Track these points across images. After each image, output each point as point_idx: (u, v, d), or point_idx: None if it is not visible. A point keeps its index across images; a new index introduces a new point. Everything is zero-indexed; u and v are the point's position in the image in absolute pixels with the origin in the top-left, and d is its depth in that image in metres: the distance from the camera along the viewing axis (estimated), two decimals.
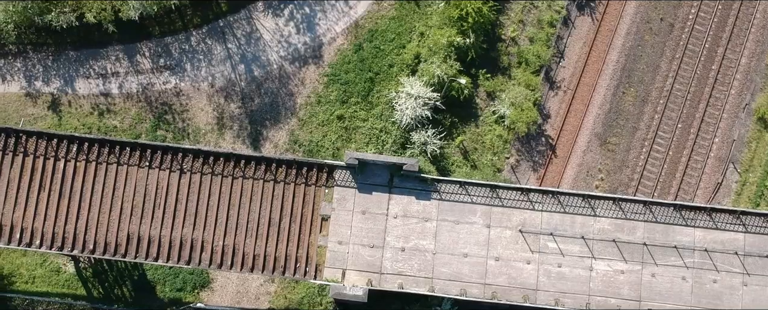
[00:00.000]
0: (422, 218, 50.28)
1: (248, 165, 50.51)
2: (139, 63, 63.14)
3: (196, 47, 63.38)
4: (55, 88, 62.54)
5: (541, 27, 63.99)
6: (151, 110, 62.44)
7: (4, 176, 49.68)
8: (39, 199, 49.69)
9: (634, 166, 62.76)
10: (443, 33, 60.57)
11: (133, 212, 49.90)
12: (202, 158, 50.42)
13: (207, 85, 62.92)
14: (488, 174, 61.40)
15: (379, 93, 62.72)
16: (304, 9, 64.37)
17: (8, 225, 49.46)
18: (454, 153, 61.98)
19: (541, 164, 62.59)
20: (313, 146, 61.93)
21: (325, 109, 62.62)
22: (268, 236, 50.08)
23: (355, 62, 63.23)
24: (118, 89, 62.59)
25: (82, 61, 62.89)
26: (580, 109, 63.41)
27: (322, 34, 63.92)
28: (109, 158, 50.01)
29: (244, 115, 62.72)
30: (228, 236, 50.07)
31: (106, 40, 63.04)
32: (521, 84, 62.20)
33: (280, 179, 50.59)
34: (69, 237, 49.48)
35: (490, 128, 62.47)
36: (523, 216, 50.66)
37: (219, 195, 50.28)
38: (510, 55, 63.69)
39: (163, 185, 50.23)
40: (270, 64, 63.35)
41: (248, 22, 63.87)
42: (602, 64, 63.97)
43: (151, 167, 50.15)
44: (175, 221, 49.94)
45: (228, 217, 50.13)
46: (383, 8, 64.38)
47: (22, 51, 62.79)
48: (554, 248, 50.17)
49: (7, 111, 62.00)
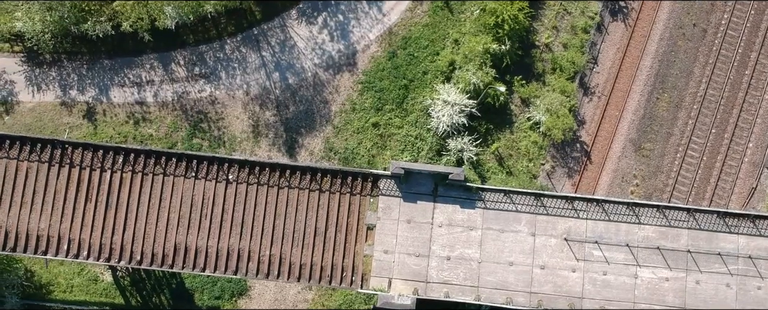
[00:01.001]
0: (467, 226, 50.43)
1: (294, 175, 50.64)
2: (173, 71, 63.26)
3: (230, 55, 63.50)
4: (90, 97, 62.64)
5: (575, 33, 64.15)
6: (186, 119, 62.57)
7: (51, 188, 49.76)
8: (86, 210, 49.79)
9: (669, 171, 62.95)
10: (479, 40, 60.70)
11: (179, 223, 50.02)
12: (248, 167, 50.53)
13: (242, 93, 63.05)
14: (524, 181, 61.57)
15: (413, 100, 62.86)
16: (337, 16, 64.49)
17: (55, 236, 49.59)
18: (489, 160, 62.16)
19: (576, 170, 62.76)
20: (348, 154, 62.09)
21: (360, 117, 62.76)
22: (314, 245, 50.22)
23: (389, 69, 63.37)
24: (153, 98, 62.70)
25: (117, 69, 63.01)
26: (614, 114, 63.58)
27: (356, 42, 64.06)
28: (155, 168, 50.11)
29: (280, 122, 62.86)
30: (274, 246, 50.21)
31: (140, 49, 63.17)
32: (556, 90, 62.37)
33: (325, 188, 50.71)
34: (116, 248, 49.59)
35: (525, 135, 62.63)
36: (567, 224, 50.82)
37: (265, 205, 50.39)
38: (544, 62, 63.86)
39: (210, 195, 50.36)
40: (304, 71, 63.49)
41: (282, 30, 63.99)
42: (636, 70, 64.14)
43: (197, 177, 50.25)
44: (221, 231, 50.06)
45: (274, 226, 50.27)
46: (417, 15, 64.52)
47: (56, 60, 62.90)
48: (599, 255, 50.36)
49: (43, 120, 62.14)
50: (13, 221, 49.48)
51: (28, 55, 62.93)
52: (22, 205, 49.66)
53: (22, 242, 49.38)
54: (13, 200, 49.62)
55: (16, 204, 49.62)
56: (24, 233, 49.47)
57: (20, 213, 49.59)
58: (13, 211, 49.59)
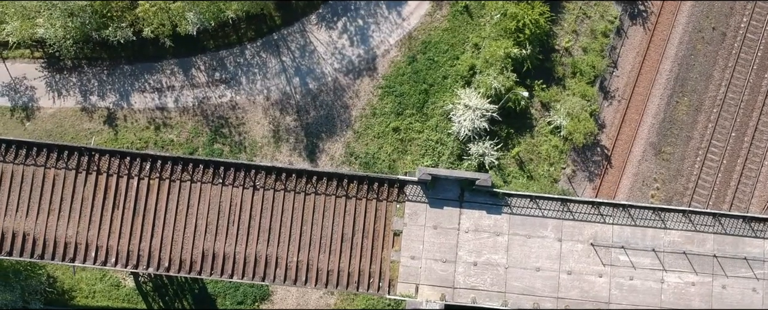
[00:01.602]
0: (494, 232, 50.51)
1: (320, 181, 50.70)
2: (194, 77, 63.31)
3: (250, 60, 63.56)
4: (110, 102, 62.70)
5: (595, 37, 64.24)
6: (207, 124, 62.63)
7: (78, 195, 49.80)
8: (113, 217, 49.83)
9: (689, 175, 63.06)
10: (499, 45, 60.78)
11: (207, 229, 50.08)
12: (275, 174, 50.57)
13: (262, 99, 63.12)
14: (545, 185, 61.67)
15: (433, 104, 62.95)
16: (357, 21, 64.56)
17: (83, 244, 49.62)
18: (510, 164, 62.23)
19: (596, 174, 62.85)
20: (369, 158, 62.16)
21: (381, 121, 62.84)
22: (341, 251, 50.29)
23: (409, 74, 63.45)
24: (174, 103, 62.75)
25: (137, 75, 63.07)
26: (634, 118, 63.69)
27: (376, 46, 64.13)
28: (182, 175, 50.16)
29: (300, 127, 62.93)
30: (302, 252, 50.28)
31: (160, 54, 63.24)
32: (576, 94, 62.44)
33: (351, 194, 50.78)
34: (144, 255, 49.64)
35: (546, 139, 62.71)
36: (594, 229, 50.92)
37: (292, 211, 50.45)
38: (564, 66, 63.95)
39: (237, 202, 50.41)
40: (324, 76, 63.55)
41: (302, 35, 64.07)
42: (655, 74, 64.26)
43: (224, 183, 50.32)
44: (249, 238, 50.11)
45: (301, 233, 50.33)
46: (436, 20, 64.59)
47: (77, 66, 62.94)
48: (626, 260, 50.46)
49: (64, 126, 62.19)
50: (41, 228, 49.52)
51: (49, 61, 63.00)
52: (49, 212, 49.71)
53: (49, 250, 49.41)
54: (40, 207, 49.65)
55: (43, 211, 49.67)
56: (52, 241, 49.50)
57: (48, 220, 49.63)
58: (41, 218, 49.63)
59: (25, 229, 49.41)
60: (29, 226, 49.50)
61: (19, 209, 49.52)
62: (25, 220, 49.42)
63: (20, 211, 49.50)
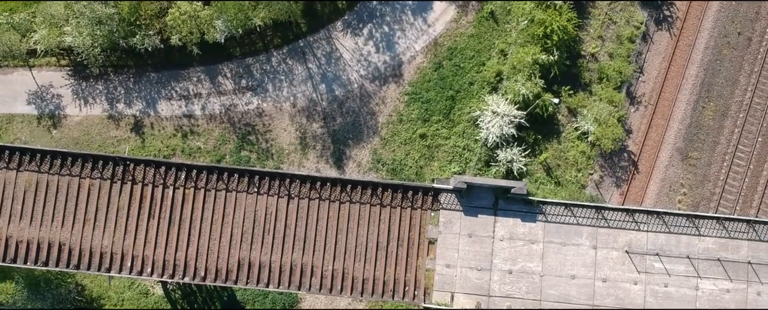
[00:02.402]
0: (528, 240, 50.57)
1: (355, 189, 50.74)
2: (221, 84, 63.32)
3: (277, 68, 63.56)
4: (137, 110, 62.69)
5: (621, 42, 64.28)
6: (234, 131, 62.64)
7: (114, 205, 49.84)
8: (149, 227, 49.86)
9: (716, 180, 63.11)
10: (527, 51, 60.81)
11: (242, 238, 50.11)
12: (310, 183, 50.60)
13: (289, 106, 63.13)
14: (573, 191, 61.72)
15: (460, 111, 62.98)
16: (382, 28, 64.58)
17: (119, 253, 49.65)
18: (537, 170, 62.26)
19: (624, 179, 62.89)
20: (396, 165, 62.19)
21: (407, 128, 62.87)
22: (376, 259, 50.36)
23: (435, 80, 63.47)
24: (200, 110, 62.76)
25: (164, 82, 63.06)
26: (661, 124, 63.74)
27: (402, 53, 64.15)
28: (217, 184, 50.19)
29: (327, 134, 62.95)
30: (337, 261, 50.33)
31: (187, 62, 63.24)
32: (603, 100, 62.48)
33: (386, 202, 50.84)
34: (180, 264, 49.66)
35: (573, 145, 62.75)
36: (628, 237, 50.99)
37: (327, 220, 50.51)
38: (590, 71, 63.98)
39: (272, 211, 50.46)
40: (351, 83, 63.57)
41: (328, 42, 64.08)
42: (681, 79, 64.31)
43: (259, 192, 50.36)
44: (284, 247, 50.17)
45: (336, 241, 50.39)
46: (462, 26, 64.61)
47: (103, 73, 62.93)
48: (660, 268, 50.52)
49: (90, 134, 62.20)
50: (77, 238, 49.54)
51: (75, 69, 62.99)
52: (85, 222, 49.74)
53: (85, 260, 49.46)
54: (76, 217, 49.68)
55: (79, 221, 49.69)
56: (87, 251, 49.55)
57: (83, 230, 49.66)
58: (76, 228, 49.65)
59: (61, 239, 49.43)
60: (65, 236, 49.52)
61: (55, 219, 49.55)
62: (60, 230, 49.46)
63: (56, 221, 49.53)
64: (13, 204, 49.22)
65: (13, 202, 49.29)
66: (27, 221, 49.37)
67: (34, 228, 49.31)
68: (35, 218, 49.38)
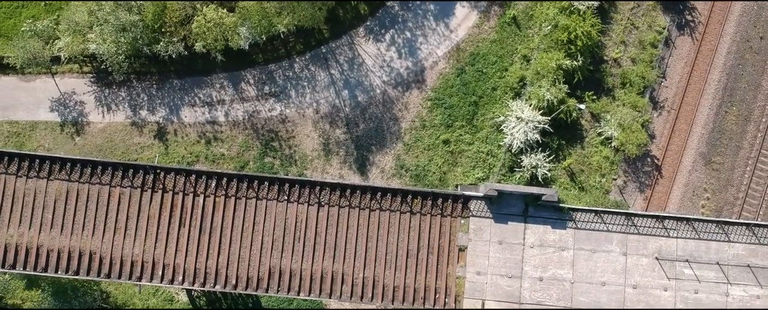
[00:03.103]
0: (559, 247, 50.62)
1: (384, 197, 50.78)
2: (244, 90, 63.34)
3: (299, 74, 63.58)
4: (160, 117, 62.69)
5: (643, 48, 64.34)
6: (257, 138, 62.65)
7: (144, 213, 49.84)
8: (179, 235, 49.87)
9: (739, 185, 63.18)
10: (551, 56, 60.86)
11: (273, 246, 50.16)
12: (340, 190, 50.63)
13: (312, 112, 63.15)
14: (597, 196, 61.73)
15: (483, 116, 63.00)
16: (405, 33, 64.61)
17: (150, 262, 49.65)
18: (561, 175, 62.28)
19: (647, 184, 62.95)
20: (419, 171, 62.20)
21: (430, 134, 62.90)
22: (407, 267, 50.41)
23: (458, 86, 63.51)
24: (224, 117, 62.77)
25: (187, 89, 63.06)
26: (683, 129, 63.80)
27: (424, 58, 64.18)
28: (247, 192, 50.21)
29: (350, 140, 62.95)
30: (367, 268, 50.37)
31: (209, 68, 63.24)
32: (626, 105, 62.53)
33: (416, 210, 50.89)
34: (211, 273, 49.69)
35: (597, 150, 62.80)
36: (658, 243, 51.05)
37: (357, 227, 50.57)
38: (613, 76, 64.03)
39: (302, 219, 50.49)
40: (373, 89, 63.60)
41: (350, 48, 64.11)
42: (704, 84, 64.37)
43: (289, 200, 50.38)
44: (314, 254, 50.19)
45: (366, 249, 50.43)
46: (484, 31, 64.64)
47: (126, 80, 62.89)
48: (690, 274, 50.59)
49: (114, 141, 62.17)
50: (107, 247, 49.55)
51: (98, 76, 63.00)
52: (115, 231, 49.76)
53: (116, 269, 49.46)
54: (106, 225, 49.70)
55: (109, 230, 49.72)
56: (118, 259, 49.56)
57: (114, 239, 49.67)
58: (107, 237, 49.67)
59: (92, 248, 49.46)
60: (96, 245, 49.53)
61: (86, 228, 49.56)
62: (91, 239, 49.47)
63: (86, 230, 49.55)
64: (43, 213, 49.23)
65: (44, 211, 49.29)
66: (58, 229, 49.40)
67: (65, 237, 49.31)
68: (66, 227, 49.38)
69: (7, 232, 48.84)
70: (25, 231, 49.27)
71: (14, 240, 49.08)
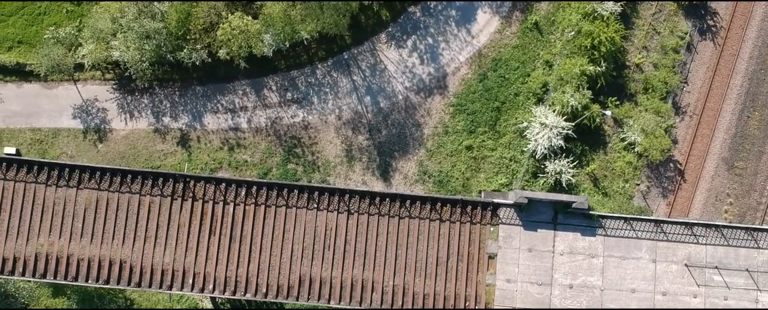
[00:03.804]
0: (588, 254, 50.65)
1: (414, 204, 50.77)
2: (266, 97, 63.32)
3: (322, 80, 63.57)
4: (183, 123, 62.64)
5: (665, 53, 64.38)
6: (280, 144, 62.61)
7: (174, 222, 49.83)
8: (210, 243, 49.84)
9: (762, 190, 63.23)
10: (575, 62, 60.88)
11: (303, 254, 50.17)
12: (369, 198, 50.64)
13: (334, 118, 63.15)
14: (621, 202, 61.75)
15: (506, 122, 63.02)
16: (427, 39, 64.62)
17: (180, 271, 49.64)
18: (584, 181, 62.28)
19: (670, 190, 62.98)
20: (442, 177, 62.18)
21: (453, 140, 62.91)
22: (437, 275, 50.43)
23: (480, 92, 63.53)
24: (246, 124, 62.75)
25: (210, 96, 63.04)
26: (706, 134, 63.85)
27: (446, 64, 64.18)
28: (277, 200, 50.21)
29: (373, 146, 62.95)
30: (397, 276, 50.37)
31: (232, 75, 63.22)
32: (649, 110, 62.56)
33: (445, 217, 50.90)
34: (242, 281, 49.67)
35: (620, 155, 62.84)
36: (687, 250, 51.09)
37: (386, 235, 50.59)
38: (635, 82, 64.07)
39: (332, 227, 50.50)
40: (395, 95, 63.61)
41: (372, 54, 64.12)
42: (726, 89, 64.42)
43: (319, 208, 50.37)
44: (345, 262, 50.20)
45: (396, 256, 50.45)
46: (506, 37, 64.66)
47: (148, 87, 62.84)
48: (720, 281, 50.64)
49: (137, 148, 62.12)
50: (138, 255, 49.54)
51: (120, 83, 62.95)
52: (146, 239, 49.74)
53: (147, 277, 49.44)
54: (136, 234, 49.68)
55: (140, 239, 49.69)
56: (148, 268, 49.55)
57: (144, 248, 49.66)
58: (137, 245, 49.66)
59: (122, 257, 49.44)
60: (126, 253, 49.52)
61: (116, 236, 49.54)
62: (121, 248, 49.46)
63: (117, 239, 49.52)
64: (73, 222, 49.21)
65: (74, 220, 49.27)
66: (88, 238, 49.38)
67: (95, 246, 49.29)
68: (96, 236, 49.35)
69: (37, 241, 48.82)
70: (55, 240, 49.24)
71: (44, 249, 49.06)
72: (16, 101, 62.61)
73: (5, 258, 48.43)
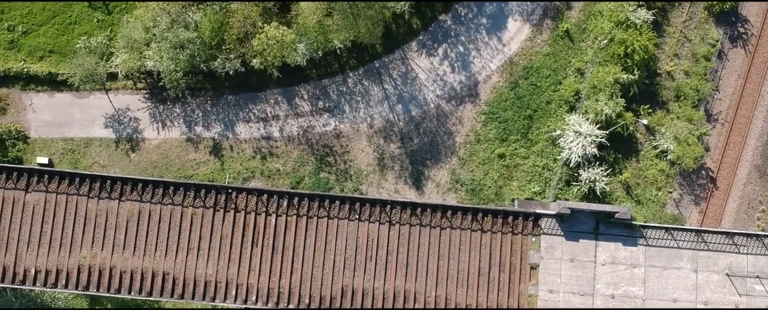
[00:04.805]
0: (630, 264, 50.68)
1: (455, 215, 50.81)
2: (298, 106, 63.25)
3: (353, 89, 63.53)
4: (215, 132, 62.54)
5: (696, 60, 64.41)
6: (312, 153, 62.54)
7: (217, 233, 49.81)
8: (252, 255, 49.83)
9: None
10: (608, 70, 60.90)
11: (345, 265, 50.15)
12: (410, 209, 50.63)
13: (366, 127, 63.11)
14: (654, 210, 61.72)
15: (538, 130, 63.00)
16: (457, 47, 64.58)
17: (224, 282, 49.61)
18: (617, 189, 62.27)
19: (702, 197, 62.99)
20: (475, 185, 62.11)
21: (485, 148, 62.86)
22: (479, 286, 50.43)
23: (512, 100, 63.50)
24: (279, 132, 62.66)
25: (241, 105, 62.96)
26: (738, 141, 63.89)
27: (477, 72, 64.16)
28: (319, 211, 50.19)
29: (405, 155, 62.90)
30: (439, 287, 50.39)
31: (263, 84, 63.12)
32: (681, 118, 62.60)
33: (486, 228, 50.91)
34: (285, 292, 49.67)
35: (652, 163, 62.85)
36: (728, 259, 51.13)
37: (428, 246, 50.58)
38: (667, 89, 64.10)
39: (374, 237, 50.51)
40: (427, 103, 63.58)
41: (403, 62, 64.09)
42: (758, 96, 64.48)
43: (360, 219, 50.37)
44: (387, 273, 50.22)
45: (438, 267, 50.46)
46: (537, 44, 64.66)
47: (180, 96, 62.73)
48: (761, 290, 50.70)
49: (169, 157, 62.00)
50: (181, 267, 49.51)
51: (151, 92, 62.82)
52: (188, 251, 49.72)
53: (190, 289, 49.43)
54: (179, 246, 49.67)
55: (182, 250, 49.67)
56: (192, 280, 49.50)
57: (187, 259, 49.62)
58: (180, 257, 49.61)
59: (165, 268, 49.40)
60: (169, 265, 49.48)
61: (159, 248, 49.51)
62: (164, 259, 49.42)
63: (159, 250, 49.49)
64: (116, 234, 49.17)
65: (116, 232, 49.25)
66: (130, 250, 49.34)
67: (138, 258, 49.26)
68: (139, 248, 49.32)
69: (80, 253, 48.77)
70: (97, 252, 49.19)
71: (87, 262, 49.00)
72: (48, 111, 62.48)
73: (48, 270, 48.36)
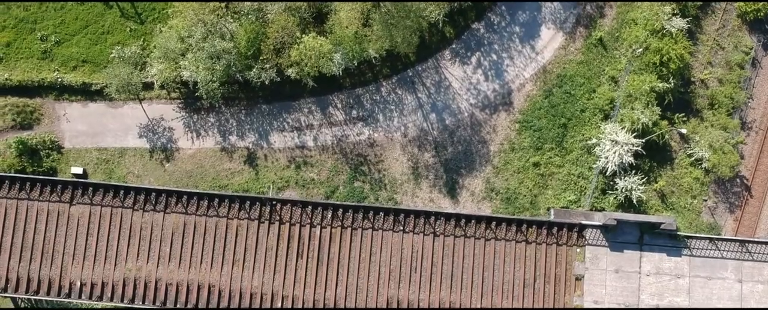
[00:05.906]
0: (675, 274, 50.66)
1: (499, 226, 50.74)
2: (331, 115, 63.21)
3: (387, 97, 63.50)
4: (250, 142, 62.49)
5: (730, 68, 64.43)
6: (346, 162, 62.47)
7: (262, 245, 49.72)
8: (297, 266, 49.78)
9: None
10: (643, 79, 60.89)
11: (390, 277, 50.07)
12: (454, 220, 50.59)
13: (400, 135, 63.05)
14: (689, 218, 61.71)
15: (573, 139, 62.97)
16: (491, 56, 64.56)
17: (269, 294, 49.55)
18: (652, 197, 62.23)
19: (737, 205, 63.01)
20: (510, 194, 62.07)
21: (520, 156, 62.83)
22: (524, 297, 50.40)
23: (546, 108, 63.48)
24: (313, 142, 62.61)
25: (275, 114, 62.91)
26: None
27: (511, 81, 64.13)
28: (363, 223, 50.12)
29: (439, 164, 62.85)
30: (484, 298, 50.32)
31: (297, 93, 63.08)
32: (715, 126, 62.61)
33: (531, 239, 50.87)
34: (330, 303, 49.63)
35: (687, 171, 62.83)
36: None
37: (473, 257, 50.58)
38: (701, 97, 64.11)
39: (418, 249, 50.46)
40: (461, 112, 63.53)
41: (436, 71, 64.05)
42: None
43: (404, 231, 50.31)
44: (431, 285, 50.15)
45: (483, 279, 50.41)
46: (570, 53, 64.65)
47: (214, 106, 62.67)
48: None
49: (204, 166, 61.92)
50: (226, 279, 49.42)
51: (185, 102, 62.74)
52: (234, 263, 49.62)
53: (235, 301, 49.34)
54: (224, 258, 49.59)
55: (228, 262, 49.59)
56: (237, 292, 49.43)
57: (232, 271, 49.54)
58: (225, 269, 49.54)
59: (211, 281, 49.31)
60: (214, 277, 49.39)
61: (204, 260, 49.43)
62: (210, 272, 49.33)
63: (204, 263, 49.41)
64: (161, 246, 49.07)
65: (162, 244, 49.14)
66: (176, 263, 49.25)
67: (183, 270, 49.18)
68: (184, 260, 49.23)
69: (125, 266, 48.69)
70: (143, 265, 49.11)
71: (132, 274, 48.91)
72: (82, 121, 62.41)
73: (93, 283, 48.29)
